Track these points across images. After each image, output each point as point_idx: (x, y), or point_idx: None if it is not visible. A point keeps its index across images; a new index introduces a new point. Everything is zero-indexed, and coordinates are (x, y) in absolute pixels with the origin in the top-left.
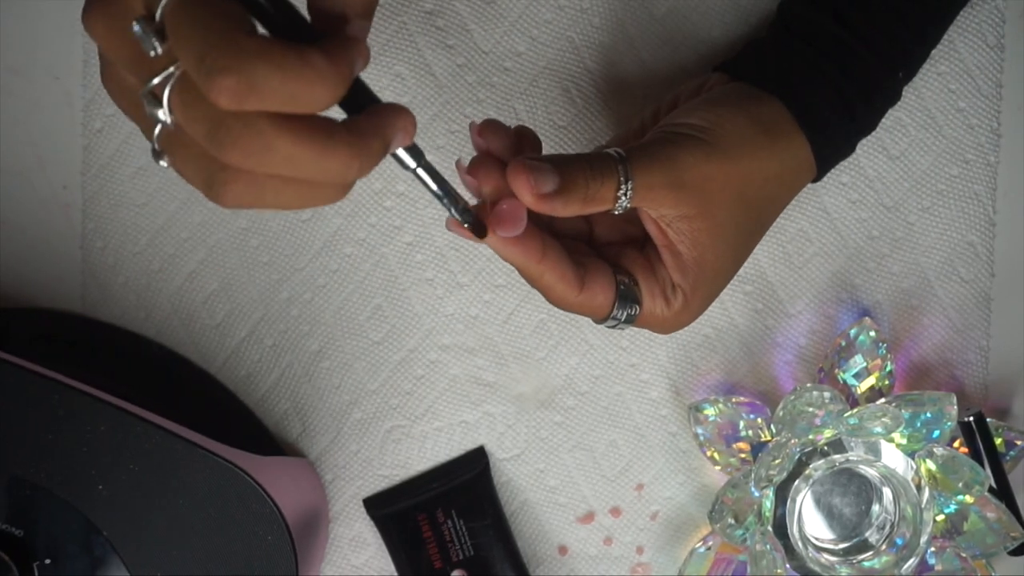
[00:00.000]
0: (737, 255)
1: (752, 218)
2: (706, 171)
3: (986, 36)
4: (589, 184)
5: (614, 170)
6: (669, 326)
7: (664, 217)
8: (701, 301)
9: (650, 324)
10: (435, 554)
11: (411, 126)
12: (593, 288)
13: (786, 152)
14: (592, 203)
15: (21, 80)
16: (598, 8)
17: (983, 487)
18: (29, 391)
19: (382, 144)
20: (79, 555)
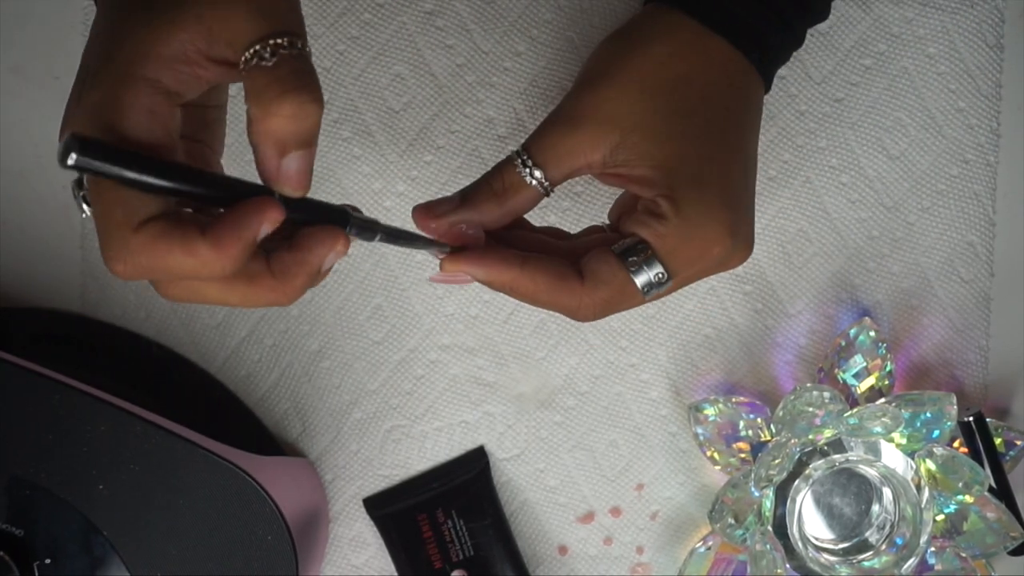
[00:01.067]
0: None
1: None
2: (589, 99)
3: (986, 36)
4: (491, 182)
5: (508, 157)
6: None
7: (608, 164)
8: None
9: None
10: (435, 554)
11: (341, 246)
12: (591, 268)
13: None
14: (507, 194)
15: (21, 80)
16: (598, 8)
17: (983, 487)
18: (29, 391)
19: (306, 277)
20: (79, 555)
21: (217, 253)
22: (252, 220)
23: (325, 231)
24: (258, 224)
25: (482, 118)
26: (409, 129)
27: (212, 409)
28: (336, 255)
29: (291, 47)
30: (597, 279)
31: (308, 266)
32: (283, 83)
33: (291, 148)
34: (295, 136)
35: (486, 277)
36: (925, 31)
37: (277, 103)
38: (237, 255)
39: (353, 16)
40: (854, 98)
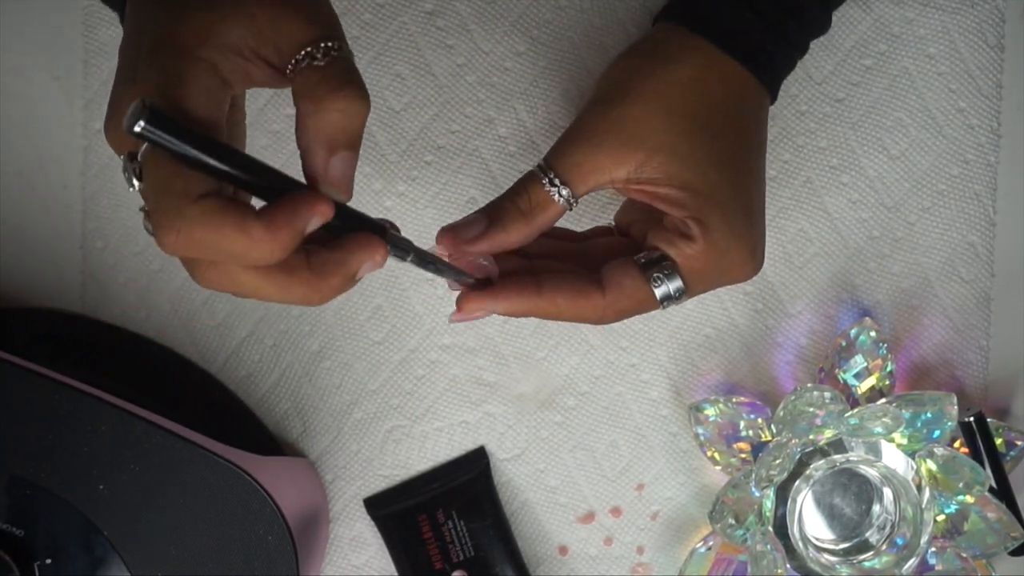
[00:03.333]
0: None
1: (700, 121)
2: (613, 118)
3: (986, 36)
4: (515, 201)
5: (533, 175)
6: (718, 259)
7: (632, 180)
8: (723, 219)
9: (698, 269)
10: (435, 554)
11: (380, 256)
12: (614, 280)
13: (687, 56)
14: (534, 212)
15: (21, 80)
16: (598, 8)
17: (983, 487)
18: (29, 391)
19: (342, 279)
20: (79, 555)
21: (269, 236)
22: (305, 210)
23: (368, 238)
24: (309, 214)
25: (482, 118)
26: (409, 129)
27: (212, 409)
28: (373, 264)
29: (340, 50)
30: (620, 291)
31: (346, 267)
32: (336, 79)
33: (340, 147)
34: (345, 134)
35: (505, 310)
36: (926, 31)
37: (331, 98)
38: (287, 241)
39: (353, 16)
40: (855, 98)
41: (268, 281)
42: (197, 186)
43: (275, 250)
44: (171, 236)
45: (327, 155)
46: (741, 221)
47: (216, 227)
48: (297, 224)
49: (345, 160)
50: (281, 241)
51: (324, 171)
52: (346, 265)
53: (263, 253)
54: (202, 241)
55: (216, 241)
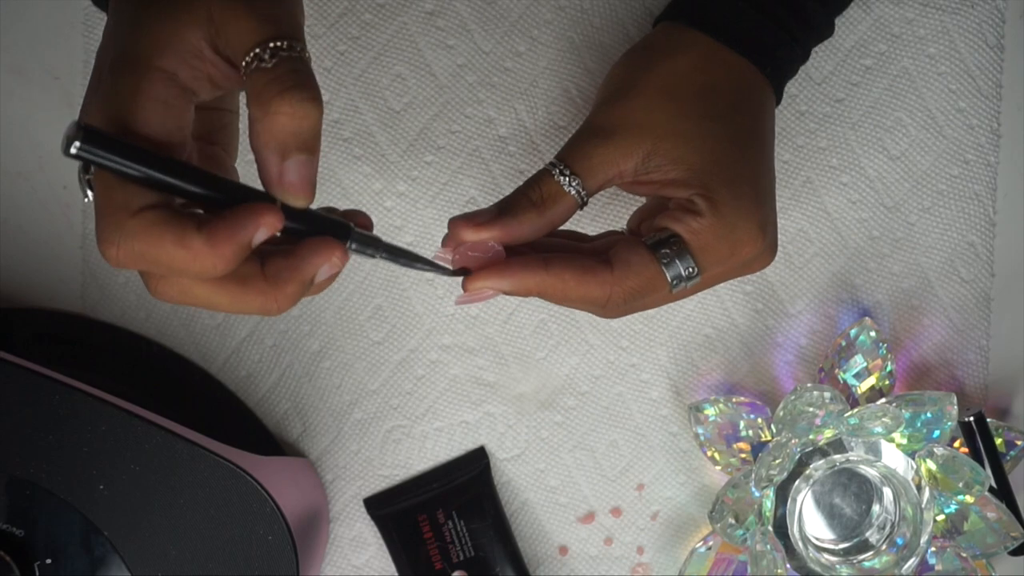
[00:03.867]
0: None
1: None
2: (620, 111)
3: (986, 36)
4: (528, 193)
5: (545, 169)
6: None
7: (639, 172)
8: (730, 192)
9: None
10: (436, 554)
11: (337, 259)
12: (622, 257)
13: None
14: (546, 204)
15: (21, 80)
16: (598, 8)
17: (983, 487)
18: (29, 391)
19: (298, 286)
20: (80, 555)
21: (210, 250)
22: (249, 222)
23: (323, 242)
24: (254, 227)
25: (483, 118)
26: (410, 129)
27: (213, 409)
28: (331, 267)
29: (290, 50)
30: (627, 268)
31: (301, 274)
32: (281, 82)
33: (292, 151)
34: (295, 137)
35: (512, 287)
36: (926, 31)
37: (276, 101)
38: (229, 255)
39: (354, 16)
40: (855, 98)
41: (221, 293)
42: (138, 199)
43: (217, 264)
44: (112, 250)
45: (279, 160)
46: (748, 195)
47: (155, 241)
48: (240, 237)
49: (300, 164)
50: (223, 255)
51: (278, 177)
52: (301, 271)
53: (205, 267)
54: (143, 255)
55: (157, 255)
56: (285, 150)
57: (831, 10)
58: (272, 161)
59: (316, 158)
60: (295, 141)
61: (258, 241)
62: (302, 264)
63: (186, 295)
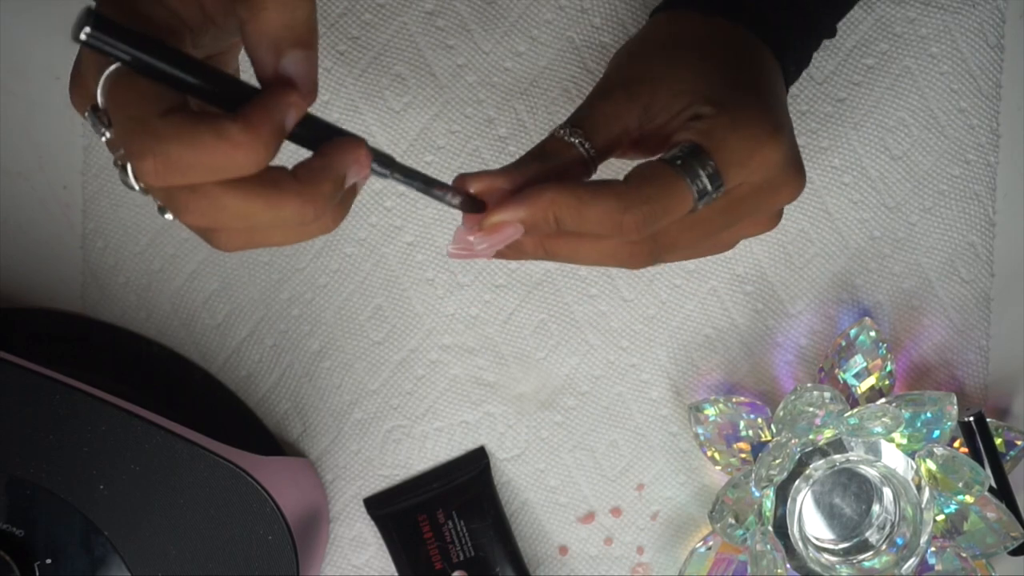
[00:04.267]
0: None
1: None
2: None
3: (987, 36)
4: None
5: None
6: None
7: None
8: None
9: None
10: (435, 554)
11: (364, 157)
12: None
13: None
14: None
15: (21, 80)
16: (598, 8)
17: (983, 487)
18: (29, 391)
19: (332, 185)
20: (79, 555)
21: (250, 135)
22: (280, 103)
23: (346, 139)
24: (285, 107)
25: (483, 118)
26: (410, 129)
27: (213, 409)
28: (359, 167)
29: None
30: (642, 177)
31: (333, 172)
32: None
33: (287, 47)
34: (289, 30)
35: (527, 211)
36: (927, 31)
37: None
38: (269, 138)
39: (354, 16)
40: (856, 98)
41: (255, 199)
42: (161, 104)
43: (259, 150)
44: (148, 162)
45: (275, 59)
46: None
47: (191, 138)
48: (275, 117)
49: (297, 60)
50: (264, 139)
51: (275, 76)
52: (332, 169)
53: (248, 156)
54: (180, 158)
55: (194, 155)
56: (279, 46)
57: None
58: (267, 61)
59: (314, 54)
60: (289, 35)
61: (290, 123)
62: (332, 162)
63: (219, 208)
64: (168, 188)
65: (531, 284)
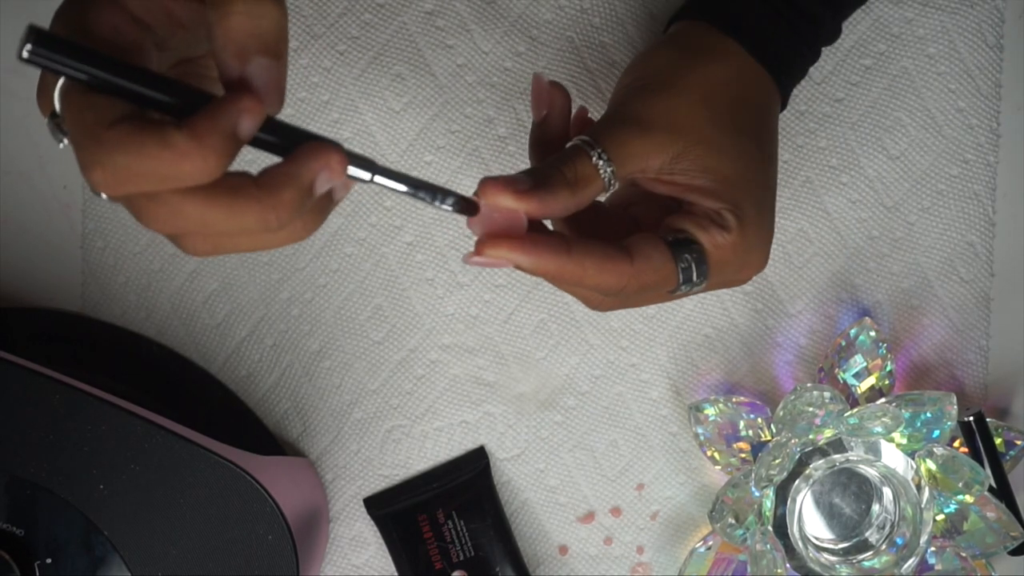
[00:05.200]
0: (753, 154)
1: (736, 119)
2: (660, 107)
3: (986, 36)
4: (563, 169)
5: (580, 149)
6: (744, 252)
7: (663, 170)
8: (756, 212)
9: (725, 259)
10: (435, 554)
11: (335, 163)
12: (643, 251)
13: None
14: (579, 184)
15: (21, 80)
16: (598, 8)
17: (983, 487)
18: (29, 391)
19: (296, 192)
20: (80, 554)
21: (196, 143)
22: (230, 110)
23: (313, 145)
24: (236, 113)
25: (482, 118)
26: (409, 129)
27: (212, 409)
28: (330, 173)
29: None
30: (647, 262)
31: (297, 179)
32: None
33: (252, 53)
34: (255, 39)
35: (531, 265)
36: (925, 31)
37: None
38: (217, 146)
39: (353, 16)
40: (854, 98)
41: (214, 206)
42: (110, 112)
43: (207, 159)
44: (97, 172)
45: (240, 65)
46: (769, 220)
47: (137, 148)
48: (222, 124)
49: (262, 68)
50: (211, 147)
51: (240, 84)
52: (296, 176)
53: (195, 165)
54: (127, 168)
55: (142, 164)
56: (244, 53)
57: (839, 17)
58: (231, 66)
59: (282, 63)
60: (255, 43)
61: (245, 131)
62: (297, 168)
63: (178, 215)
64: (127, 196)
65: (531, 284)
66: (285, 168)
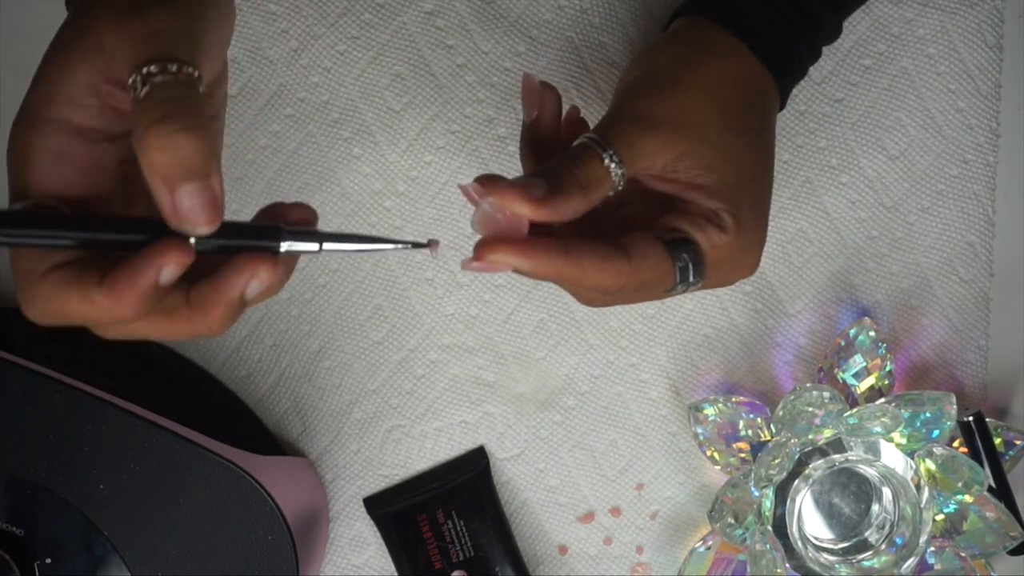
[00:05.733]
0: (754, 155)
1: (739, 119)
2: (666, 104)
3: (985, 36)
4: (575, 172)
5: (590, 148)
6: (740, 253)
7: (667, 168)
8: (753, 214)
9: (721, 259)
10: (435, 554)
11: (264, 272)
12: (640, 250)
13: (728, 54)
14: (591, 187)
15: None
16: (598, 8)
17: (982, 487)
18: (29, 391)
19: (225, 308)
20: (79, 554)
21: (113, 302)
22: (149, 266)
23: (245, 258)
24: (155, 269)
25: (482, 118)
26: (409, 129)
27: (212, 409)
28: (260, 282)
29: (163, 73)
30: (644, 261)
31: (226, 297)
32: (149, 114)
33: (179, 182)
34: (177, 169)
35: (530, 268)
36: (925, 31)
37: (146, 136)
38: (135, 302)
39: (353, 16)
40: (854, 98)
41: (152, 328)
42: (41, 263)
43: (126, 312)
44: (29, 313)
45: (169, 192)
46: (764, 221)
47: (61, 302)
48: (141, 282)
49: (192, 194)
50: (128, 304)
51: (172, 210)
52: (225, 294)
53: (115, 317)
54: (57, 315)
55: (69, 314)
56: (171, 182)
57: (840, 16)
58: (163, 195)
59: (211, 182)
60: (179, 171)
61: (167, 280)
62: (223, 287)
63: (123, 332)
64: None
65: (531, 284)
66: (215, 286)
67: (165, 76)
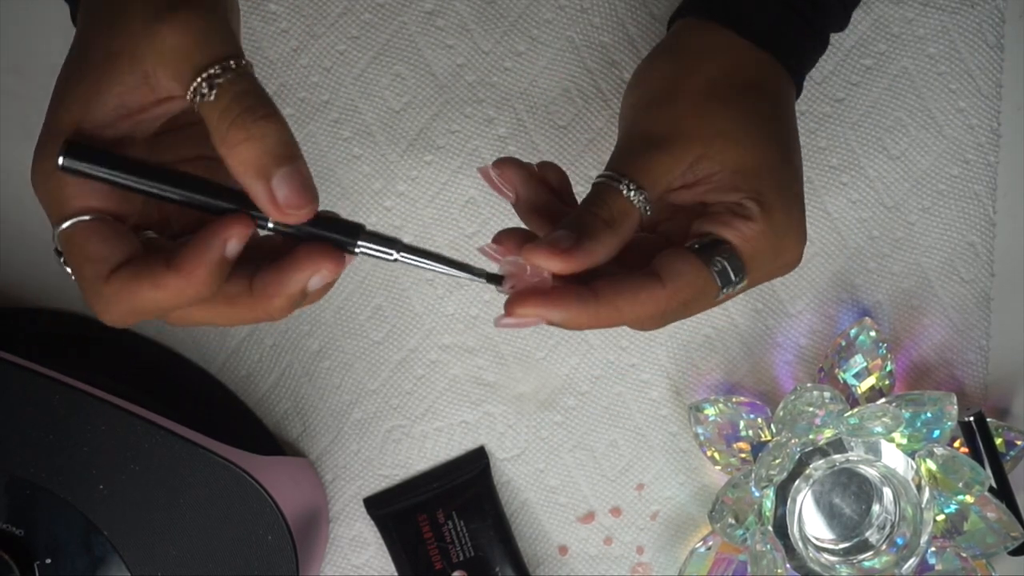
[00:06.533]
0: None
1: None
2: (668, 118)
3: (986, 36)
4: (599, 212)
5: (607, 184)
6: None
7: (686, 177)
8: (780, 197)
9: (757, 250)
10: (435, 554)
11: (328, 269)
12: (672, 268)
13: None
14: (618, 222)
15: (21, 80)
16: (598, 8)
17: (983, 487)
18: (29, 391)
19: (286, 299)
20: (79, 554)
21: (184, 280)
22: (215, 241)
23: (315, 250)
24: (222, 243)
25: (482, 118)
26: (409, 129)
27: (212, 409)
28: (323, 278)
29: (225, 72)
30: (679, 279)
31: (288, 287)
32: (229, 112)
33: (272, 169)
34: (269, 156)
35: (563, 319)
36: (925, 31)
37: (232, 134)
38: (206, 278)
39: (353, 16)
40: (854, 98)
41: (215, 314)
42: (105, 265)
43: (199, 289)
44: (106, 317)
45: (266, 184)
46: (794, 199)
47: (135, 295)
48: (208, 256)
49: (286, 178)
50: (200, 280)
51: (272, 200)
52: (287, 285)
53: (189, 297)
54: (134, 310)
55: (144, 304)
56: (265, 172)
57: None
58: (259, 188)
59: (299, 162)
60: (271, 159)
61: (232, 253)
62: (287, 277)
63: (191, 320)
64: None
65: None
66: (279, 276)
67: (228, 75)
